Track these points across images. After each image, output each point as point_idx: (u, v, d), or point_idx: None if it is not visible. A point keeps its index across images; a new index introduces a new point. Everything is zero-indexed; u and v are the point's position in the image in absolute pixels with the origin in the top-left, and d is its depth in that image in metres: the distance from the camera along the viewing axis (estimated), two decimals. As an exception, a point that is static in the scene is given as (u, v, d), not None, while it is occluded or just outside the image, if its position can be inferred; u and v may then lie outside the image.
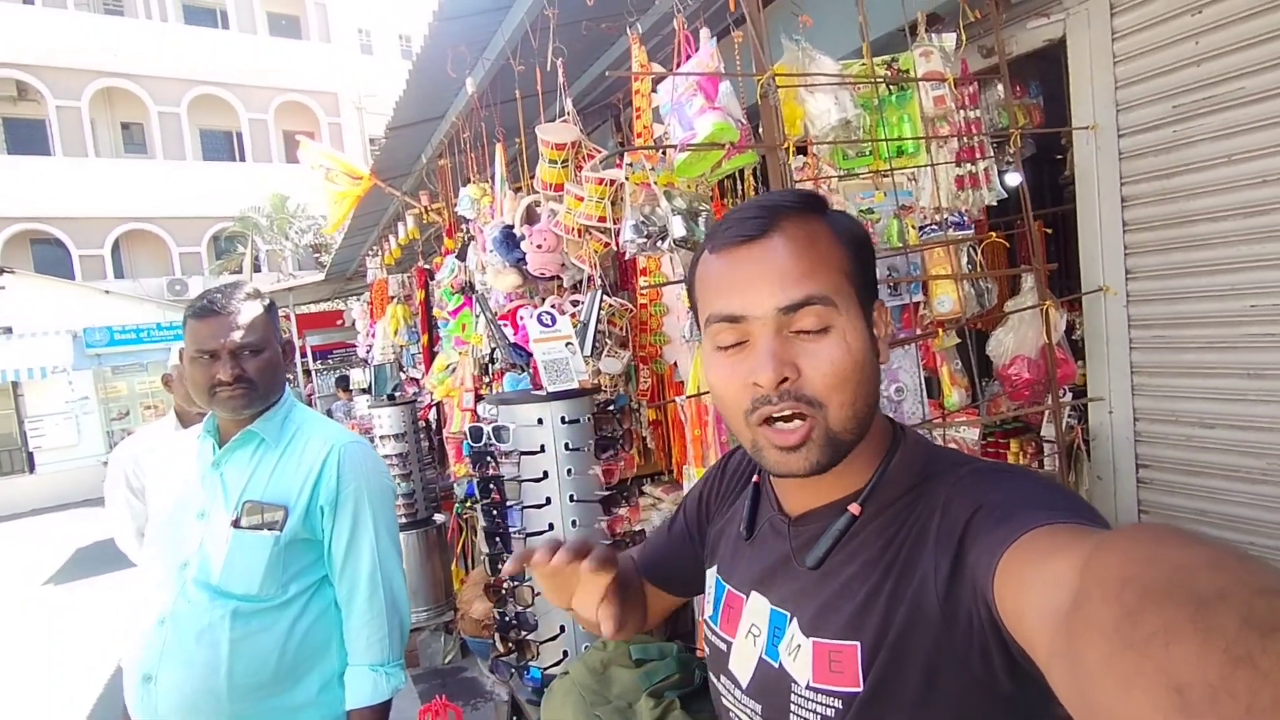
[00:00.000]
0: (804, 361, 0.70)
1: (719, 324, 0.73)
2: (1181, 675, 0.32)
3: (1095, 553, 0.45)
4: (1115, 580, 0.40)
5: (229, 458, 1.58)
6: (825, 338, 0.70)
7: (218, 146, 20.31)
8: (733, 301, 0.72)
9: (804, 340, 0.70)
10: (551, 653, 1.91)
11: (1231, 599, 0.34)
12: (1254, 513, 1.98)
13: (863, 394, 0.72)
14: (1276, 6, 1.79)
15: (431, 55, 2.87)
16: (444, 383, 4.12)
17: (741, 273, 0.72)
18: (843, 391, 0.70)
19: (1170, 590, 0.36)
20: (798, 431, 0.70)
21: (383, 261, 6.16)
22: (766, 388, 0.69)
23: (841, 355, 0.70)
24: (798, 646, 0.75)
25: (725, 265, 0.74)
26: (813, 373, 0.69)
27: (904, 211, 2.11)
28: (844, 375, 0.70)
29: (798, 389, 0.69)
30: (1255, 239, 1.90)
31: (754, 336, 0.71)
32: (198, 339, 1.52)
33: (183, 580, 1.51)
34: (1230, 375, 1.99)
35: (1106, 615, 0.38)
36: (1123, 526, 0.46)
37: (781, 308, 0.69)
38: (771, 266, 0.71)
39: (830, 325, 0.70)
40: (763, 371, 0.69)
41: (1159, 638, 0.34)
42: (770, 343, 0.70)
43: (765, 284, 0.70)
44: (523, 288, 2.74)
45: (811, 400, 0.70)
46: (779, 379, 0.69)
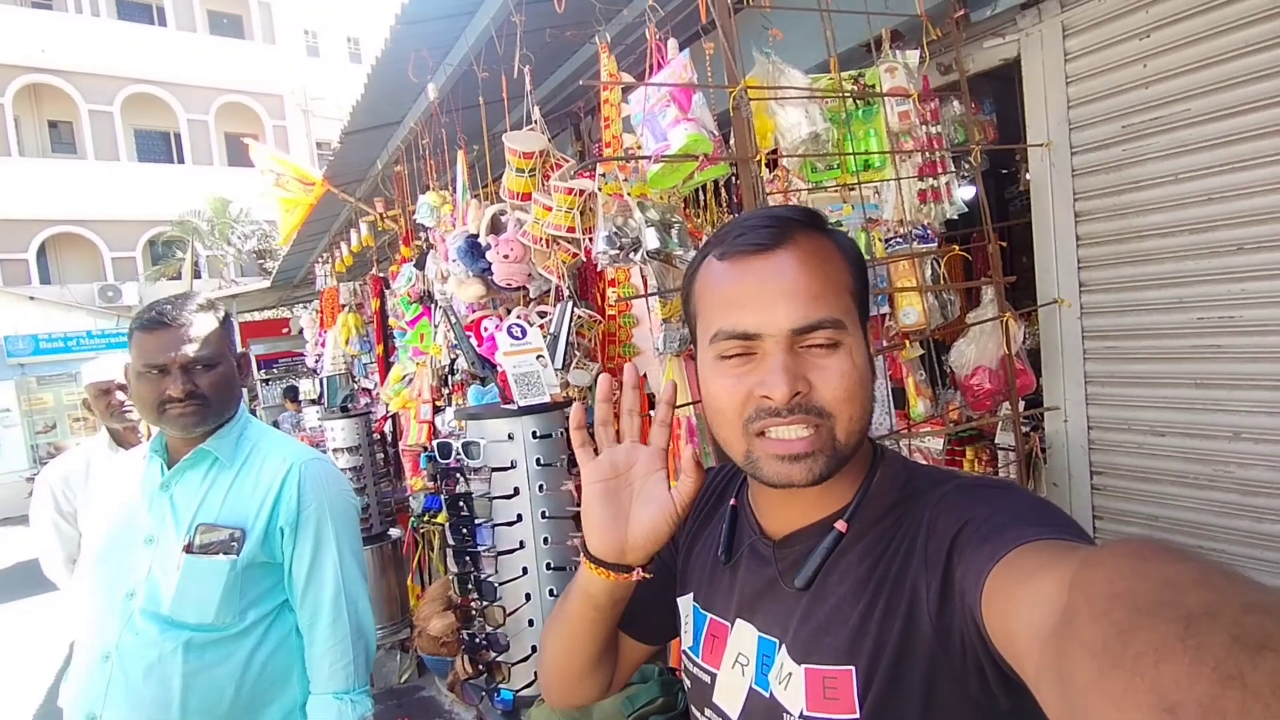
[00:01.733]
0: (815, 375, 0.70)
1: (727, 340, 0.72)
2: (1172, 694, 0.32)
3: (1082, 569, 0.44)
4: (1103, 597, 0.39)
5: (179, 478, 1.49)
6: (835, 353, 0.70)
7: (154, 147, 19.51)
8: (745, 318, 0.71)
9: (814, 355, 0.70)
10: (523, 674, 1.86)
11: (1220, 616, 0.33)
12: (1202, 517, 2.06)
13: (865, 407, 0.72)
14: (1219, 33, 1.88)
15: (392, 59, 2.80)
16: (400, 394, 4.01)
17: (753, 286, 0.71)
18: (851, 404, 0.70)
19: (1159, 607, 0.36)
20: (806, 440, 0.69)
21: (333, 269, 5.99)
22: (779, 402, 0.69)
23: (850, 370, 0.70)
24: (789, 675, 0.73)
25: (736, 276, 0.73)
26: (823, 386, 0.70)
27: (871, 224, 2.13)
28: (852, 389, 0.70)
29: (809, 402, 0.69)
30: (1201, 254, 1.98)
31: (764, 351, 0.71)
32: (145, 353, 1.43)
33: (129, 611, 1.41)
34: (1179, 385, 2.07)
35: (1095, 633, 0.38)
36: (1109, 542, 0.46)
37: (796, 329, 0.69)
38: (785, 284, 0.70)
39: (839, 342, 0.70)
40: (776, 387, 0.68)
41: (1148, 656, 0.34)
42: (783, 358, 0.69)
43: (780, 302, 0.70)
44: (486, 298, 2.69)
45: (822, 411, 0.70)
46: (792, 393, 0.69)
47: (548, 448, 1.99)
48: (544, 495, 1.98)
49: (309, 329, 7.66)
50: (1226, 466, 1.99)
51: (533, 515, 1.96)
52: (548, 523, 1.98)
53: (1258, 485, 1.94)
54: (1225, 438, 1.99)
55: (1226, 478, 1.99)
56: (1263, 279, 1.88)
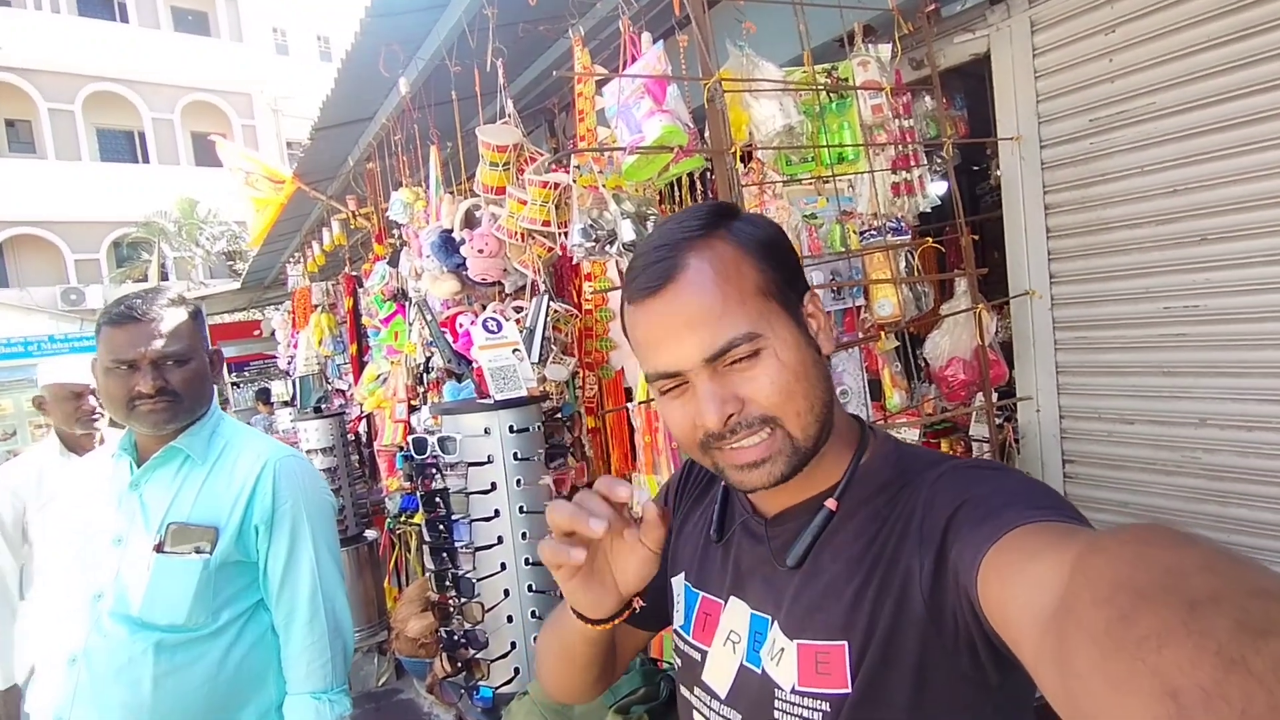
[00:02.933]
0: (744, 389, 0.70)
1: (659, 380, 0.74)
2: (1175, 679, 0.32)
3: (1084, 554, 0.44)
4: (1106, 582, 0.39)
5: (149, 477, 1.46)
6: (758, 362, 0.70)
7: (118, 147, 19.09)
8: (661, 358, 0.72)
9: (739, 369, 0.70)
10: (503, 671, 1.85)
11: (1224, 601, 0.34)
12: (1171, 503, 2.10)
13: (815, 396, 0.72)
14: (1183, 27, 1.91)
15: (362, 53, 2.76)
16: (375, 393, 3.97)
17: (659, 327, 0.72)
18: (792, 402, 0.70)
19: (1162, 592, 0.36)
20: (758, 447, 0.70)
21: (305, 269, 5.90)
22: (714, 429, 0.70)
23: (779, 371, 0.70)
24: (781, 650, 0.73)
25: (643, 319, 0.74)
26: (757, 396, 0.70)
27: (845, 217, 2.15)
28: (788, 388, 0.70)
29: (747, 415, 0.70)
30: (1167, 245, 2.02)
31: (691, 382, 0.71)
32: (114, 348, 1.39)
33: (97, 613, 1.38)
34: (1147, 374, 2.11)
35: (1097, 618, 0.38)
36: (1111, 527, 0.46)
37: (707, 358, 0.70)
38: (686, 315, 0.70)
39: (760, 349, 0.70)
40: (708, 416, 0.69)
41: (1151, 641, 0.34)
42: (708, 386, 0.70)
43: (686, 335, 0.70)
44: (461, 294, 2.66)
45: (764, 418, 0.70)
46: (724, 419, 0.69)
47: (525, 442, 1.98)
48: (521, 490, 1.96)
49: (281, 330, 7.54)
50: (1193, 452, 2.03)
51: (510, 510, 1.95)
52: (525, 517, 1.97)
53: (1223, 470, 1.98)
54: (1192, 424, 2.03)
55: (1193, 463, 2.03)
56: (1225, 269, 1.92)
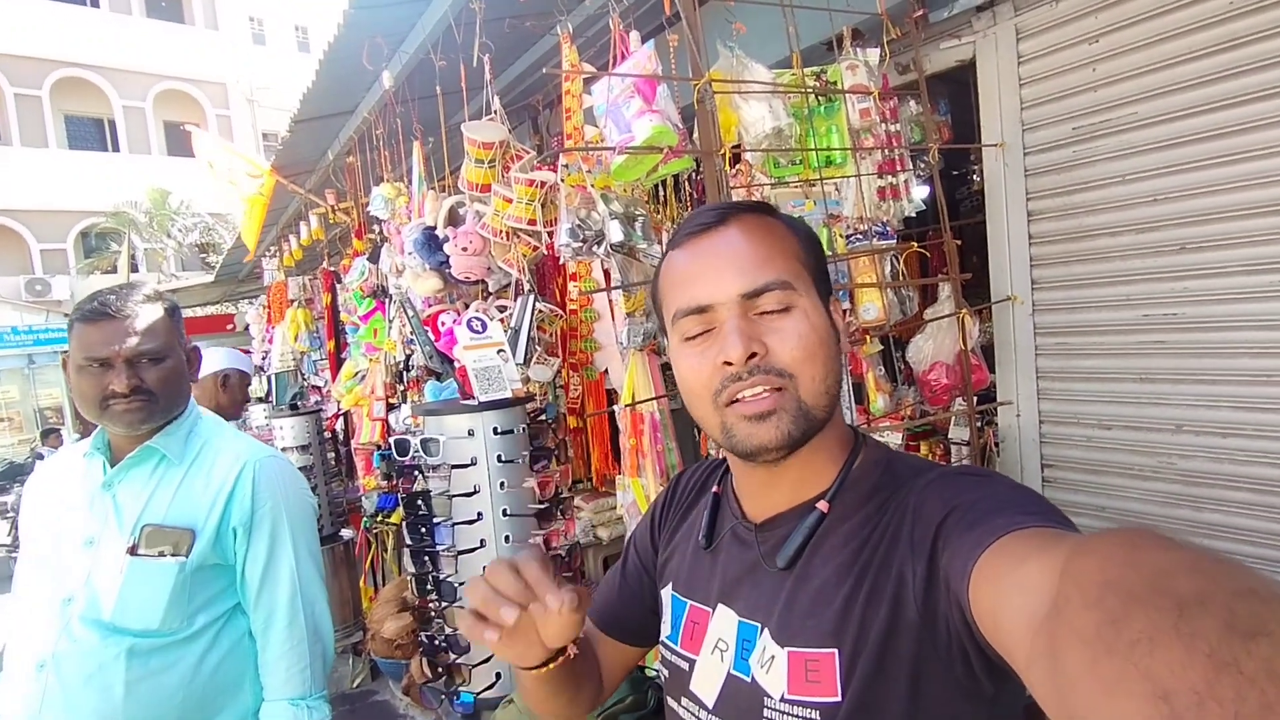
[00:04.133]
0: (771, 338, 0.71)
1: (686, 318, 0.74)
2: (1166, 681, 0.32)
3: (1073, 557, 0.44)
4: (1095, 585, 0.39)
5: (123, 477, 1.41)
6: (789, 315, 0.72)
7: (86, 135, 18.63)
8: (697, 291, 0.73)
9: (769, 319, 0.72)
10: (484, 676, 1.82)
11: (1212, 603, 0.34)
12: (1147, 507, 2.13)
13: (831, 370, 0.73)
14: (1165, 39, 1.94)
15: (345, 45, 2.72)
16: (352, 391, 3.91)
17: (703, 262, 0.74)
18: (812, 364, 0.71)
19: (1151, 595, 0.36)
20: (770, 398, 0.70)
21: (281, 263, 5.80)
22: (737, 364, 0.70)
23: (807, 330, 0.71)
24: (771, 658, 0.72)
25: (687, 257, 0.76)
26: (780, 347, 0.71)
27: (832, 220, 2.15)
28: (811, 349, 0.71)
29: (767, 363, 0.70)
30: (1147, 253, 2.05)
31: (720, 322, 0.72)
32: (87, 345, 1.35)
33: (66, 617, 1.33)
34: (1125, 380, 2.15)
35: (1087, 621, 0.38)
36: (1100, 531, 0.46)
37: (744, 293, 0.71)
38: (731, 254, 0.73)
39: (792, 305, 0.72)
40: (732, 349, 0.70)
41: (1142, 644, 0.34)
42: (736, 322, 0.71)
43: (727, 271, 0.72)
44: (443, 292, 2.63)
45: (782, 371, 0.71)
46: (748, 354, 0.70)
47: (509, 444, 1.95)
48: (505, 492, 1.94)
49: (255, 325, 7.40)
50: (1169, 458, 2.07)
51: (494, 513, 1.92)
52: (509, 520, 1.94)
53: (1198, 476, 2.02)
54: (1168, 430, 2.06)
55: (1169, 469, 2.07)
56: (1203, 277, 1.96)
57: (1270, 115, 1.79)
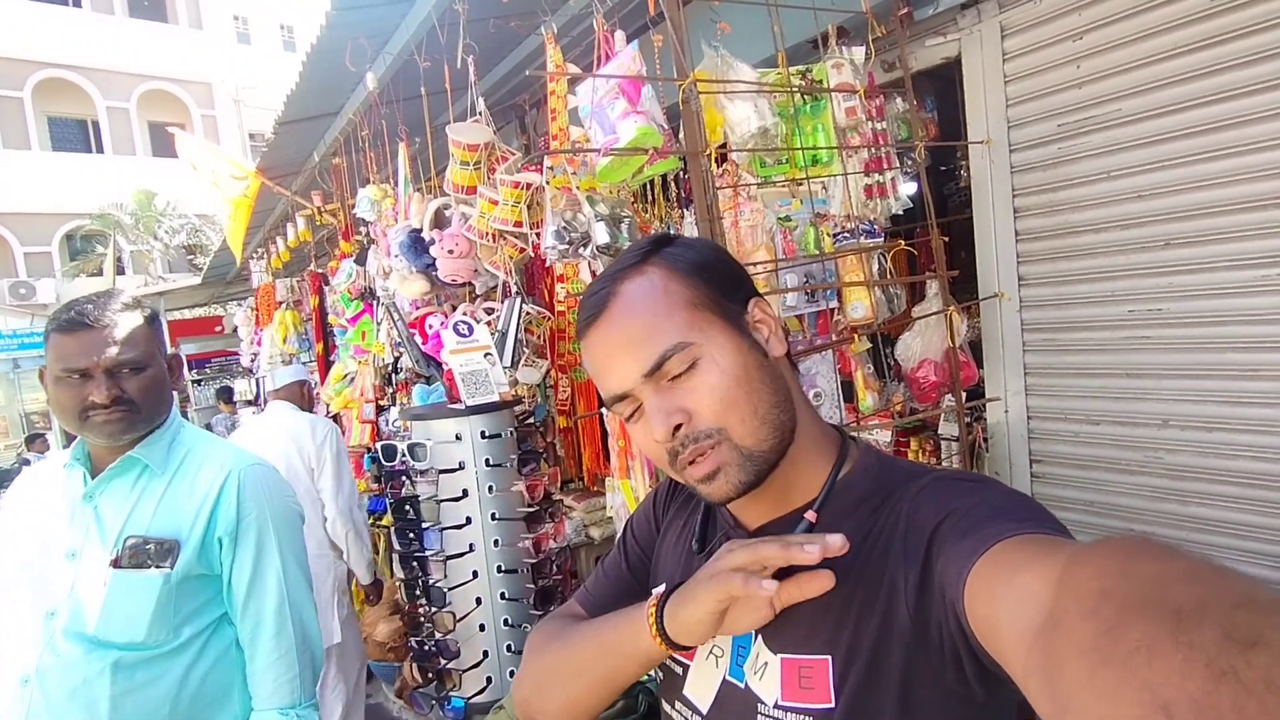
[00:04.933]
0: (688, 401, 0.71)
1: (615, 405, 0.76)
2: (1165, 691, 0.32)
3: (1070, 567, 0.44)
4: (1092, 594, 0.39)
5: (104, 488, 1.40)
6: (696, 371, 0.72)
7: (70, 136, 18.42)
8: (609, 382, 0.75)
9: (681, 382, 0.72)
10: (474, 681, 1.82)
11: (1210, 612, 0.33)
12: (1134, 501, 2.15)
13: (760, 400, 0.73)
14: (1148, 35, 1.95)
15: (329, 46, 2.69)
16: (341, 393, 3.89)
17: (601, 353, 0.76)
18: (735, 410, 0.71)
19: (1148, 604, 0.36)
20: (706, 462, 0.71)
21: (269, 265, 5.76)
22: (664, 441, 0.71)
23: (718, 379, 0.71)
24: (764, 664, 0.73)
25: (590, 349, 0.78)
26: (698, 407, 0.71)
27: (820, 219, 2.15)
28: (729, 396, 0.71)
29: (694, 430, 0.71)
30: (1133, 249, 2.06)
31: (641, 401, 0.74)
32: (65, 356, 1.33)
33: (50, 631, 1.32)
34: (1112, 375, 2.16)
35: (1085, 631, 0.38)
36: (1096, 540, 0.46)
37: (645, 373, 0.72)
38: (620, 337, 0.74)
39: (696, 359, 0.72)
40: (657, 429, 0.71)
41: (1140, 653, 0.34)
42: (653, 401, 0.72)
43: (622, 356, 0.73)
44: (430, 294, 2.61)
45: (709, 433, 0.71)
46: (671, 430, 0.71)
47: (497, 448, 1.94)
48: (494, 497, 1.93)
49: (244, 327, 7.36)
50: (1156, 453, 2.08)
51: (482, 518, 1.91)
52: (498, 525, 1.93)
53: (1184, 470, 2.03)
54: (1155, 425, 2.08)
55: (1156, 463, 2.08)
56: (1189, 273, 1.97)
57: (1251, 111, 1.80)
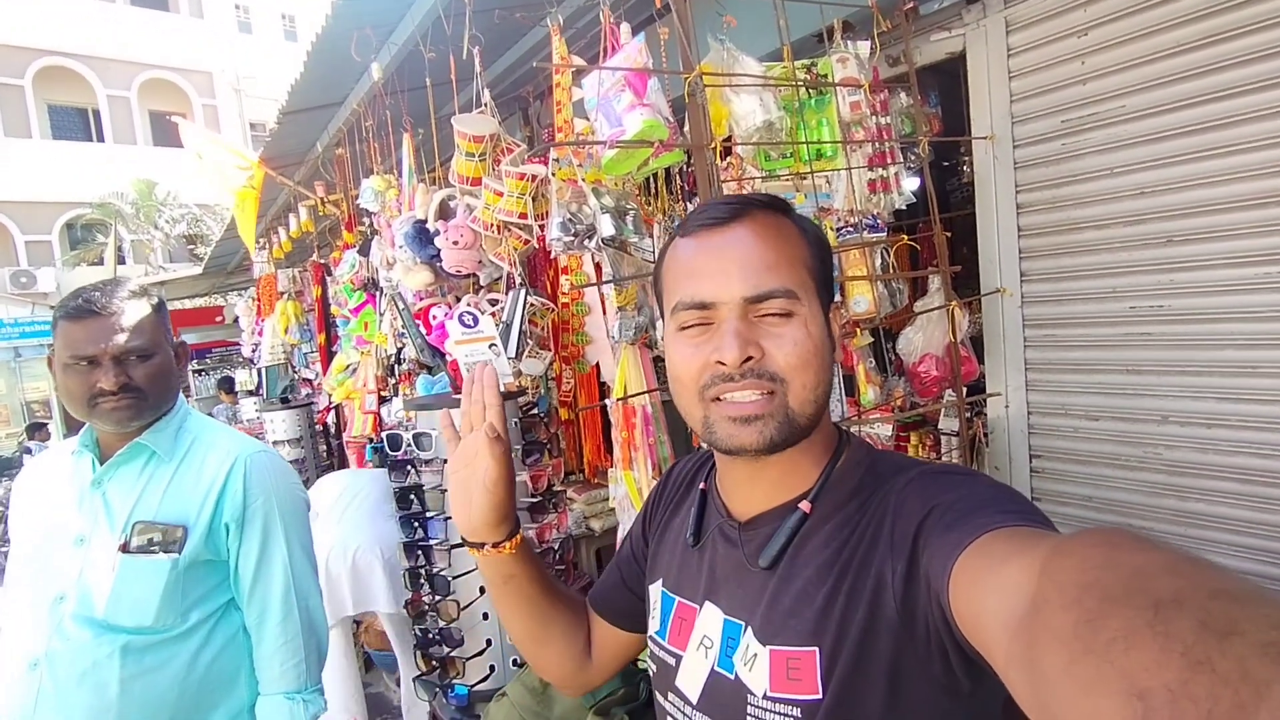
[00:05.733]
0: (768, 343, 0.72)
1: (686, 311, 0.75)
2: (1142, 680, 0.33)
3: (1051, 558, 0.45)
4: (1073, 585, 0.40)
5: (113, 474, 1.41)
6: (789, 322, 0.72)
7: (71, 124, 18.38)
8: (702, 287, 0.74)
9: (768, 323, 0.72)
10: (478, 669, 1.83)
11: (1188, 603, 0.34)
12: (1133, 497, 2.16)
13: (822, 379, 0.74)
14: (1154, 32, 1.95)
15: (333, 36, 2.69)
16: (344, 384, 3.90)
17: (711, 258, 0.74)
18: (805, 372, 0.72)
19: (1128, 595, 0.37)
20: (757, 403, 0.71)
21: (270, 255, 5.76)
22: (731, 365, 0.71)
23: (804, 338, 0.72)
24: (754, 656, 0.74)
25: (695, 249, 0.76)
26: (776, 352, 0.72)
27: (823, 213, 2.16)
28: (806, 357, 0.72)
29: (761, 366, 0.71)
30: (1134, 246, 2.07)
31: (719, 319, 0.73)
32: (73, 344, 1.34)
33: (58, 616, 1.34)
34: (1113, 371, 2.16)
35: (1065, 621, 0.39)
36: (1078, 531, 0.47)
37: (748, 297, 0.72)
38: (740, 255, 0.73)
39: (793, 312, 0.72)
40: (729, 350, 0.71)
41: (1118, 643, 0.35)
42: (735, 324, 0.72)
43: (734, 272, 0.72)
44: (434, 285, 2.62)
45: (775, 376, 0.71)
46: (744, 357, 0.71)
47: (502, 438, 1.96)
48: (499, 486, 1.94)
49: (245, 317, 7.36)
50: (1155, 449, 2.09)
51: (487, 507, 1.93)
52: (503, 514, 1.95)
53: (1183, 466, 2.04)
54: (1154, 421, 2.09)
55: (1155, 459, 2.09)
56: (1189, 270, 1.97)
57: (1255, 108, 1.80)
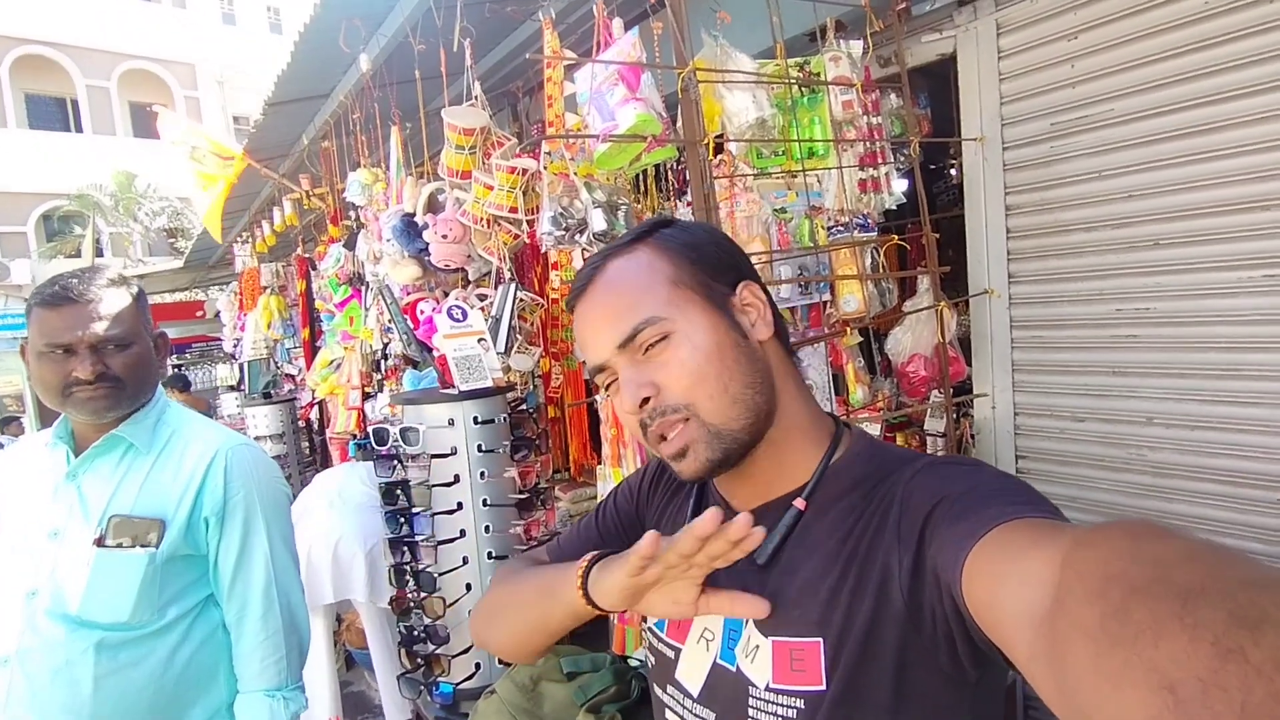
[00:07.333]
0: (658, 375, 0.73)
1: (595, 375, 0.79)
2: (1172, 671, 0.32)
3: (1074, 550, 0.45)
4: (1097, 577, 0.40)
5: (88, 467, 1.38)
6: (669, 345, 0.73)
7: (48, 114, 18.09)
8: (589, 353, 0.79)
9: (654, 354, 0.74)
10: (463, 666, 1.81)
11: (1216, 593, 0.34)
12: (1117, 499, 2.17)
13: (732, 381, 0.73)
14: (1142, 37, 1.96)
15: (321, 27, 2.65)
16: (327, 379, 3.85)
17: (585, 324, 0.80)
18: (704, 385, 0.72)
19: (1154, 586, 0.36)
20: (675, 441, 0.73)
21: (253, 249, 5.69)
22: (631, 412, 0.74)
23: (689, 355, 0.73)
24: (756, 647, 0.73)
25: (578, 321, 0.82)
26: (669, 381, 0.73)
27: (814, 212, 2.16)
28: (699, 372, 0.72)
29: (662, 403, 0.73)
30: (1121, 249, 2.08)
31: (615, 373, 0.76)
32: (48, 331, 1.30)
33: (31, 611, 1.30)
34: (1098, 373, 2.18)
35: (1091, 613, 0.38)
36: (1099, 523, 0.46)
37: (619, 344, 0.74)
38: (601, 311, 0.77)
39: (669, 333, 0.73)
40: (626, 400, 0.74)
41: (1147, 634, 0.34)
42: (625, 373, 0.74)
43: (602, 328, 0.76)
44: (422, 280, 2.59)
45: (676, 407, 0.72)
46: (639, 402, 0.73)
47: (490, 433, 1.94)
48: (485, 482, 1.92)
49: (226, 312, 7.28)
50: (1139, 450, 2.11)
51: (474, 503, 1.91)
52: (489, 510, 1.93)
53: (1167, 468, 2.06)
54: (1139, 423, 2.10)
55: (1139, 461, 2.11)
56: (1175, 273, 1.99)
57: (1242, 114, 1.82)
